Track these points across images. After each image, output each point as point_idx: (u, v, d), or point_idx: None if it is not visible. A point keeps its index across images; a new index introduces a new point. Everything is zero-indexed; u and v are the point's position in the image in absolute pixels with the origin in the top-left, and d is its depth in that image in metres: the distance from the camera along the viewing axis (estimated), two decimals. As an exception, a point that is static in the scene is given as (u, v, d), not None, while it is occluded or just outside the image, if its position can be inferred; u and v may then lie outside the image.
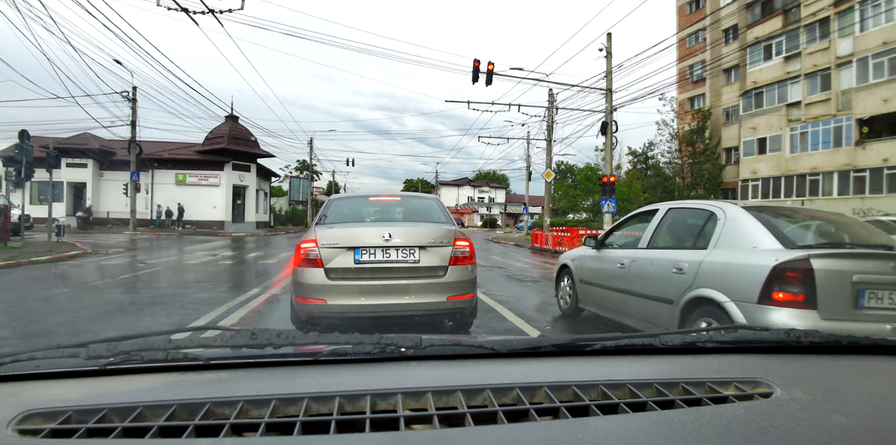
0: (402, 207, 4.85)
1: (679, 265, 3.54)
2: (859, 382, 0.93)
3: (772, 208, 3.70)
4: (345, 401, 0.78)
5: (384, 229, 3.91)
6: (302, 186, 46.97)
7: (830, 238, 3.48)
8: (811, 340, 1.10)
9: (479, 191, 74.78)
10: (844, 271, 2.84)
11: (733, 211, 3.45)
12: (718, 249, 3.36)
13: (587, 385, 0.85)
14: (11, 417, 0.70)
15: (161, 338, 0.96)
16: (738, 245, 3.26)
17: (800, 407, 0.77)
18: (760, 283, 2.87)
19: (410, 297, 3.86)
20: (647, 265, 4.00)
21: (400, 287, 3.86)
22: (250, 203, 30.54)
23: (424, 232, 4.03)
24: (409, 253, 3.91)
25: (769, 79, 24.87)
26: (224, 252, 14.60)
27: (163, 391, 0.83)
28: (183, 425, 0.70)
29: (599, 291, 4.72)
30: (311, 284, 3.77)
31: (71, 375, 0.90)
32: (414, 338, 0.98)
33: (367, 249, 3.86)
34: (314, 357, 0.97)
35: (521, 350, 1.03)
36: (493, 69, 15.84)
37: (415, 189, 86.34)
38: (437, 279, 3.94)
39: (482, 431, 0.69)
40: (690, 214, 4.05)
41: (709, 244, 3.45)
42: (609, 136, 17.45)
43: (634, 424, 0.71)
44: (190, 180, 28.49)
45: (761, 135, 25.29)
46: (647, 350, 1.08)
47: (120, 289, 7.08)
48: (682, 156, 28.10)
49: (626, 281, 4.22)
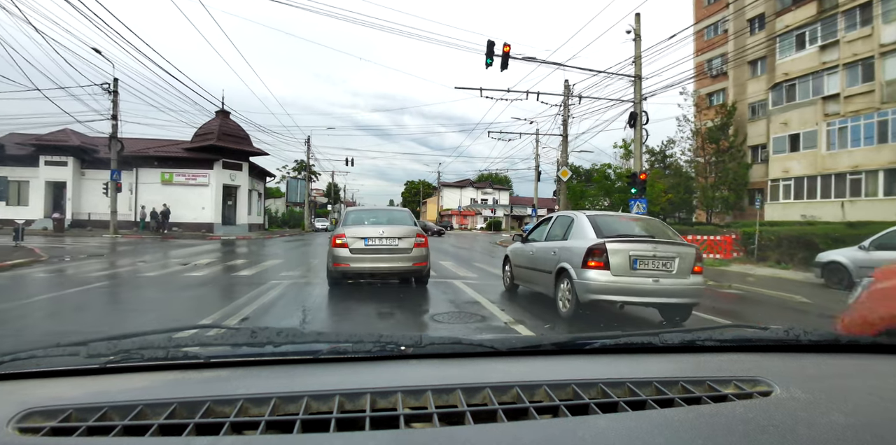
0: (388, 215, 8.27)
1: (554, 250, 6.15)
2: (859, 381, 0.93)
3: (602, 215, 6.30)
4: (345, 399, 0.78)
5: (380, 228, 7.43)
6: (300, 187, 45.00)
7: (624, 232, 5.73)
8: (810, 339, 1.11)
9: (482, 192, 72.90)
10: (625, 250, 5.29)
11: (580, 216, 6.06)
12: (570, 239, 5.94)
13: (587, 383, 0.85)
14: (12, 415, 0.70)
15: (161, 337, 0.97)
16: (578, 236, 5.80)
17: (799, 406, 0.78)
18: (582, 256, 5.38)
19: (393, 262, 7.29)
20: (541, 251, 6.57)
21: (388, 258, 7.27)
22: (242, 204, 28.60)
23: (401, 229, 7.44)
24: (393, 241, 7.30)
25: (802, 71, 22.93)
26: (201, 259, 12.67)
27: (163, 389, 0.82)
28: (183, 423, 0.70)
29: (522, 271, 7.27)
30: (342, 256, 7.12)
31: (71, 373, 0.90)
32: (414, 337, 0.98)
33: (371, 238, 7.25)
34: (314, 355, 0.97)
35: (520, 348, 1.03)
36: (508, 51, 13.94)
37: (416, 191, 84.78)
38: (407, 254, 7.32)
39: (482, 429, 0.69)
40: (563, 219, 6.52)
41: (567, 236, 6.05)
42: (638, 128, 15.56)
43: (634, 422, 0.71)
44: (177, 179, 26.60)
45: (794, 130, 23.33)
46: (647, 348, 1.08)
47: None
48: (704, 154, 26.14)
49: (532, 261, 6.82)
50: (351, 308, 6.17)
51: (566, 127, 21.03)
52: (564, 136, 21.00)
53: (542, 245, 6.56)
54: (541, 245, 6.60)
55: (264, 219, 36.99)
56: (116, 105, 23.27)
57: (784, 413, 0.74)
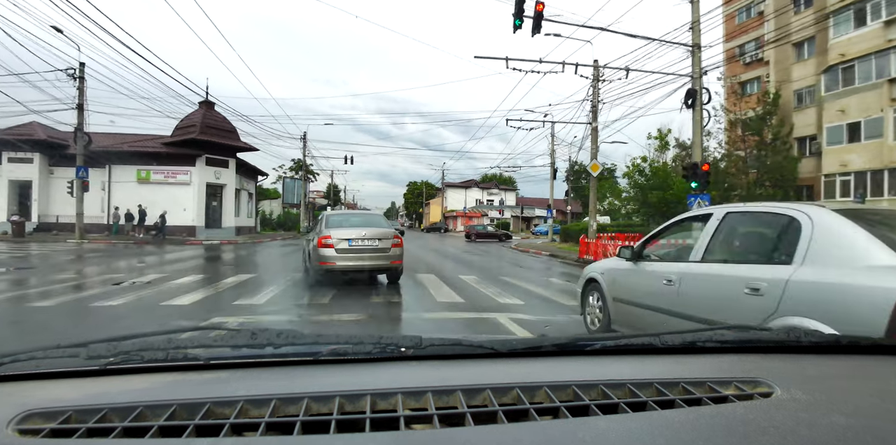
0: (365, 219, 9.69)
1: (754, 284, 2.83)
2: (859, 382, 0.93)
3: (873, 211, 3.34)
4: (345, 401, 0.78)
5: (362, 230, 8.29)
6: (297, 188, 42.25)
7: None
8: (811, 340, 1.10)
9: (487, 192, 70.03)
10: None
11: (822, 215, 2.74)
12: (808, 265, 2.60)
13: (587, 384, 0.85)
14: (11, 417, 0.70)
15: (161, 338, 0.96)
16: (839, 259, 2.51)
17: (800, 407, 0.77)
18: (888, 312, 2.10)
19: (375, 261, 8.25)
20: (706, 282, 3.34)
21: (370, 256, 8.21)
22: (229, 204, 25.82)
23: (381, 231, 8.46)
24: (374, 241, 8.23)
25: (863, 51, 20.09)
26: (150, 273, 9.88)
27: (163, 391, 0.82)
28: (183, 425, 0.70)
29: (639, 312, 3.99)
30: (329, 256, 7.92)
31: (71, 375, 0.89)
32: (414, 338, 0.97)
33: (355, 240, 8.12)
34: (314, 356, 0.96)
35: (521, 350, 1.03)
36: (542, 10, 11.14)
37: (419, 192, 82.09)
38: (386, 253, 8.30)
39: (482, 431, 0.69)
40: (760, 220, 3.40)
41: (794, 258, 2.69)
42: (698, 108, 12.74)
43: (634, 424, 0.71)
44: (155, 178, 23.82)
45: (853, 118, 20.48)
46: (647, 349, 1.07)
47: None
48: (745, 147, 23.29)
49: (678, 301, 3.51)
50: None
51: (595, 114, 18.23)
52: (594, 126, 18.18)
53: (700, 269, 3.49)
54: (696, 269, 3.52)
55: (256, 221, 34.19)
56: (83, 93, 20.56)
57: (785, 415, 0.74)
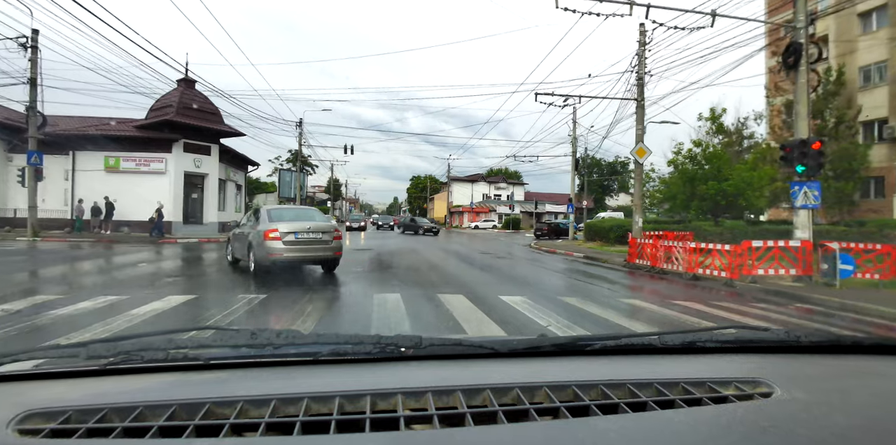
0: (304, 213, 10.42)
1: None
2: (859, 382, 0.93)
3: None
4: (345, 401, 0.78)
5: (306, 224, 9.14)
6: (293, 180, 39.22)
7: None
8: (811, 340, 1.10)
9: (494, 187, 66.93)
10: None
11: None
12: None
13: (587, 385, 0.85)
14: (11, 417, 0.70)
15: (161, 338, 0.97)
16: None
17: (800, 407, 0.77)
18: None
19: (319, 252, 9.21)
20: None
21: (315, 248, 9.12)
22: (211, 197, 22.84)
23: (324, 225, 9.43)
24: (318, 234, 9.13)
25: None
26: (52, 291, 6.95)
27: (163, 391, 0.82)
28: (183, 425, 0.70)
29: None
30: (277, 247, 8.63)
31: (71, 375, 0.89)
32: (414, 338, 0.97)
33: (301, 232, 8.92)
34: (314, 357, 0.96)
35: (521, 350, 1.03)
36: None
37: (423, 186, 79.03)
38: (328, 245, 9.26)
39: (482, 431, 0.69)
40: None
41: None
42: (804, 69, 9.67)
43: (634, 424, 0.71)
44: (125, 166, 20.85)
45: (940, 97, 17.37)
46: (647, 349, 1.07)
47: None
48: (806, 131, 20.16)
49: None
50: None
51: (642, 88, 15.17)
52: (640, 101, 15.11)
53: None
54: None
55: (247, 216, 31.23)
56: (36, 64, 17.61)
57: (784, 415, 0.74)
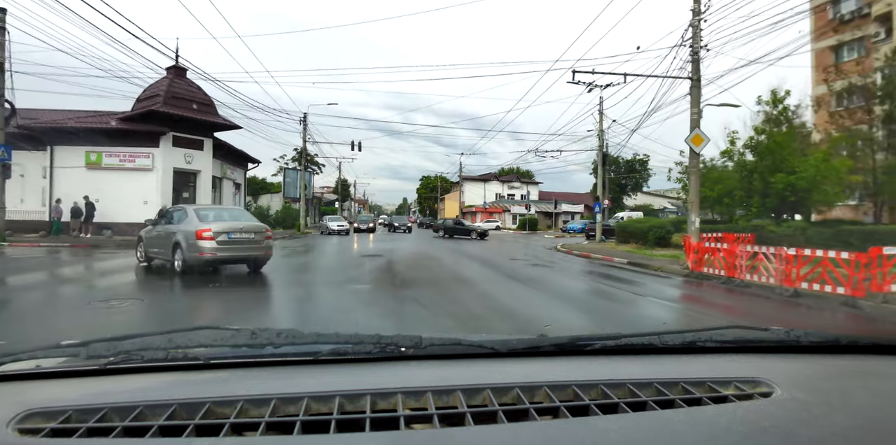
0: (234, 213, 10.87)
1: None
2: (859, 382, 0.93)
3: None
4: (345, 401, 0.78)
5: (238, 224, 9.55)
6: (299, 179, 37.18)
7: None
8: (811, 340, 1.10)
9: (508, 186, 64.42)
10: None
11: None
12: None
13: (587, 384, 0.85)
14: (12, 416, 0.70)
15: (161, 338, 0.97)
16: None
17: (800, 407, 0.77)
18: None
19: (251, 251, 9.57)
20: None
21: (248, 247, 9.48)
22: (204, 196, 20.78)
23: (255, 225, 9.80)
24: (249, 234, 9.48)
25: None
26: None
27: (163, 390, 0.82)
28: (183, 424, 0.70)
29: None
30: (210, 247, 8.93)
31: (71, 374, 0.89)
32: (414, 338, 0.97)
33: (234, 232, 9.28)
34: (314, 356, 0.96)
35: (521, 349, 1.03)
36: None
37: (433, 186, 76.90)
38: (259, 244, 9.63)
39: (482, 430, 0.69)
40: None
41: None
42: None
43: (634, 423, 0.71)
44: (107, 162, 18.87)
45: None
46: (648, 349, 1.07)
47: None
48: (871, 119, 17.62)
49: None
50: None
51: (697, 64, 12.80)
52: (696, 80, 12.73)
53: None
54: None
55: (248, 217, 29.18)
56: (3, 48, 15.67)
57: (784, 414, 0.73)
